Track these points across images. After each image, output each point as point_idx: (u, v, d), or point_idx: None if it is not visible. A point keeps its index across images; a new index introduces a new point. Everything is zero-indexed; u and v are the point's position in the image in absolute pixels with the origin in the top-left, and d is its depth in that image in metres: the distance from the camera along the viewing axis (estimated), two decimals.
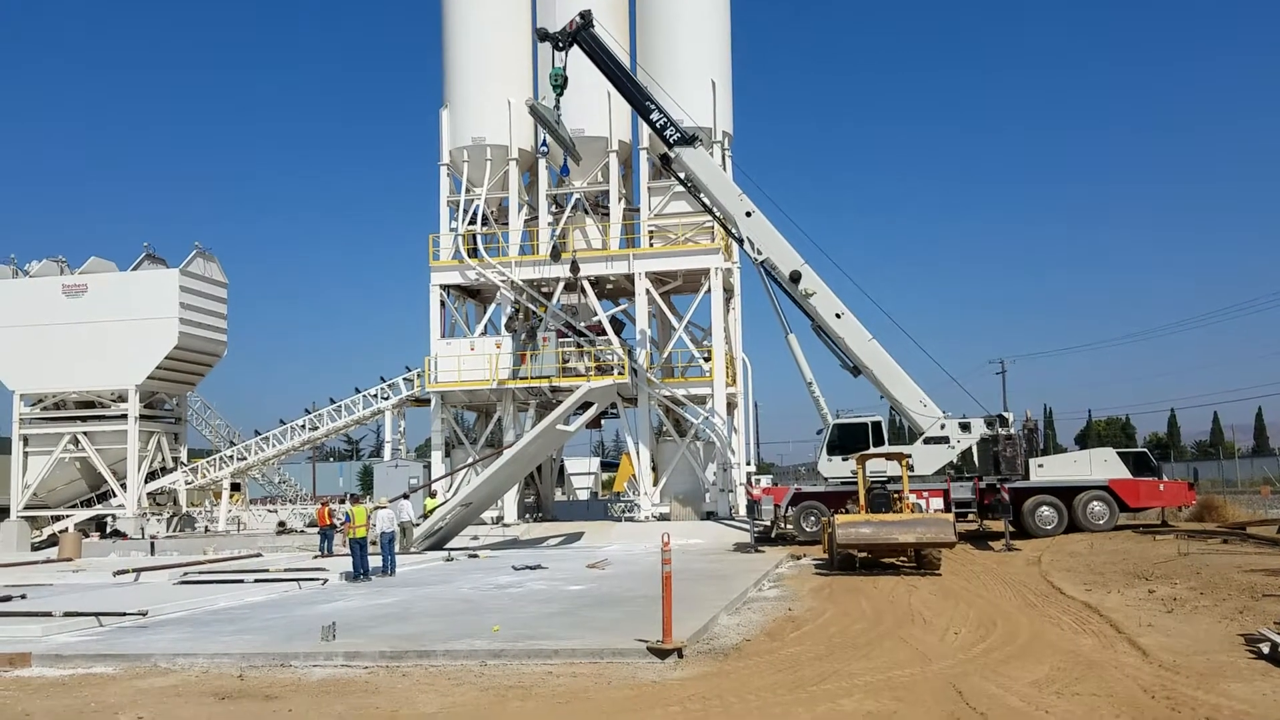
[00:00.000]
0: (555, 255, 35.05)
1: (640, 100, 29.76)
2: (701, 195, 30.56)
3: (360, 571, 21.58)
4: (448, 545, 30.47)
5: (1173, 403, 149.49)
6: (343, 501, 23.38)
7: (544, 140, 31.20)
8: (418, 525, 30.69)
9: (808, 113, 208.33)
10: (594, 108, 34.90)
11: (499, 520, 35.23)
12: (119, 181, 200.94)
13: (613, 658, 11.60)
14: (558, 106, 29.48)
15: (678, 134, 29.49)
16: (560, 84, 29.21)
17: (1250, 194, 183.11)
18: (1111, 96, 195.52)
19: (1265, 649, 10.76)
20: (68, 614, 15.55)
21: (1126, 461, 28.13)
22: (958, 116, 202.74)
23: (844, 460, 28.01)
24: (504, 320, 37.12)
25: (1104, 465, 28.05)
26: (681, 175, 30.51)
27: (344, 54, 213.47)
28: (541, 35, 30.19)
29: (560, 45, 29.28)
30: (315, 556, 28.27)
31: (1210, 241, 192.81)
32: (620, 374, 33.66)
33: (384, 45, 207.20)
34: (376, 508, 23.99)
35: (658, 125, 29.58)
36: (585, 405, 29.94)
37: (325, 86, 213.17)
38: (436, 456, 37.20)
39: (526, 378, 35.19)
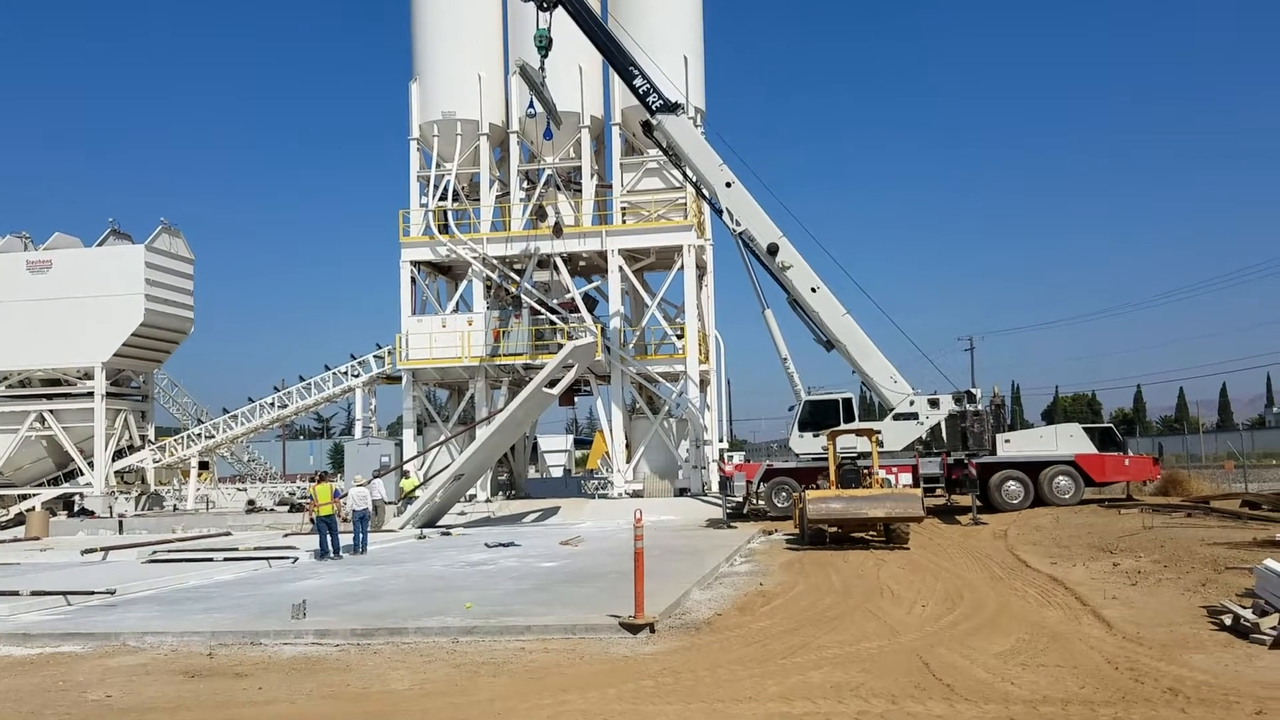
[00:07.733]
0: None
1: (624, 64, 29.51)
2: (682, 165, 30.41)
3: (329, 549, 21.47)
4: (441, 522, 30.28)
5: (1139, 379, 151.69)
6: (321, 479, 23.13)
7: (530, 102, 31.10)
8: (390, 504, 30.58)
9: (776, 88, 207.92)
10: (566, 82, 34.60)
11: (472, 498, 35.21)
12: (83, 158, 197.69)
13: (585, 633, 11.64)
14: (543, 69, 29.34)
15: (660, 100, 29.33)
16: (545, 45, 28.99)
17: (1220, 174, 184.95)
18: (1088, 66, 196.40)
19: (1227, 621, 10.93)
20: (35, 593, 15.42)
21: (1092, 437, 28.44)
22: (928, 88, 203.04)
23: (815, 436, 28.18)
24: (485, 295, 36.78)
25: (1070, 440, 28.36)
26: (663, 144, 30.32)
27: (313, 26, 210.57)
28: None
29: (544, 6, 29.03)
30: (291, 532, 28.13)
31: (1176, 220, 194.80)
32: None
33: (354, 17, 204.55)
34: (349, 487, 23.85)
35: (640, 90, 29.37)
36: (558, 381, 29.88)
37: (293, 59, 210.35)
38: (408, 434, 37.07)
39: (499, 355, 35.08)
